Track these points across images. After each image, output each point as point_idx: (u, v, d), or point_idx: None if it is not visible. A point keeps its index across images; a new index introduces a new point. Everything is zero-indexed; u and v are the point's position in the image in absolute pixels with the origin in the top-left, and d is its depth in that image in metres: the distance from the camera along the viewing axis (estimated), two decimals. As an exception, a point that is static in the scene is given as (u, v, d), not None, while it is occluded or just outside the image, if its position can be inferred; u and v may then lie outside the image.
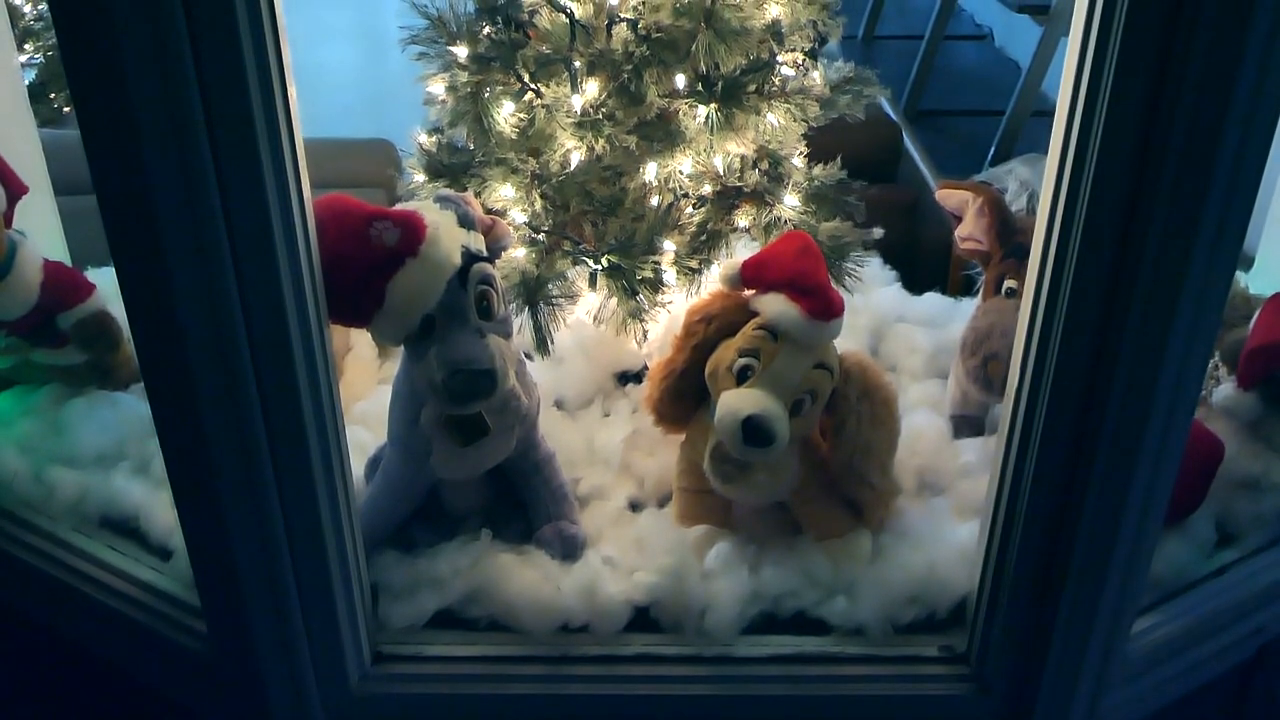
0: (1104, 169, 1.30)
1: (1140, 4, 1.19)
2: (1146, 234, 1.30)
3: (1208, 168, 1.25)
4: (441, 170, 1.81)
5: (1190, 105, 1.22)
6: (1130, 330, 1.36)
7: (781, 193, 1.79)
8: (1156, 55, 1.20)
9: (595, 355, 1.92)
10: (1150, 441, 1.41)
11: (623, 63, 1.62)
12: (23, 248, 1.83)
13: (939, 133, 4.17)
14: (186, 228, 1.23)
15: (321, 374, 1.39)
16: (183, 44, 1.14)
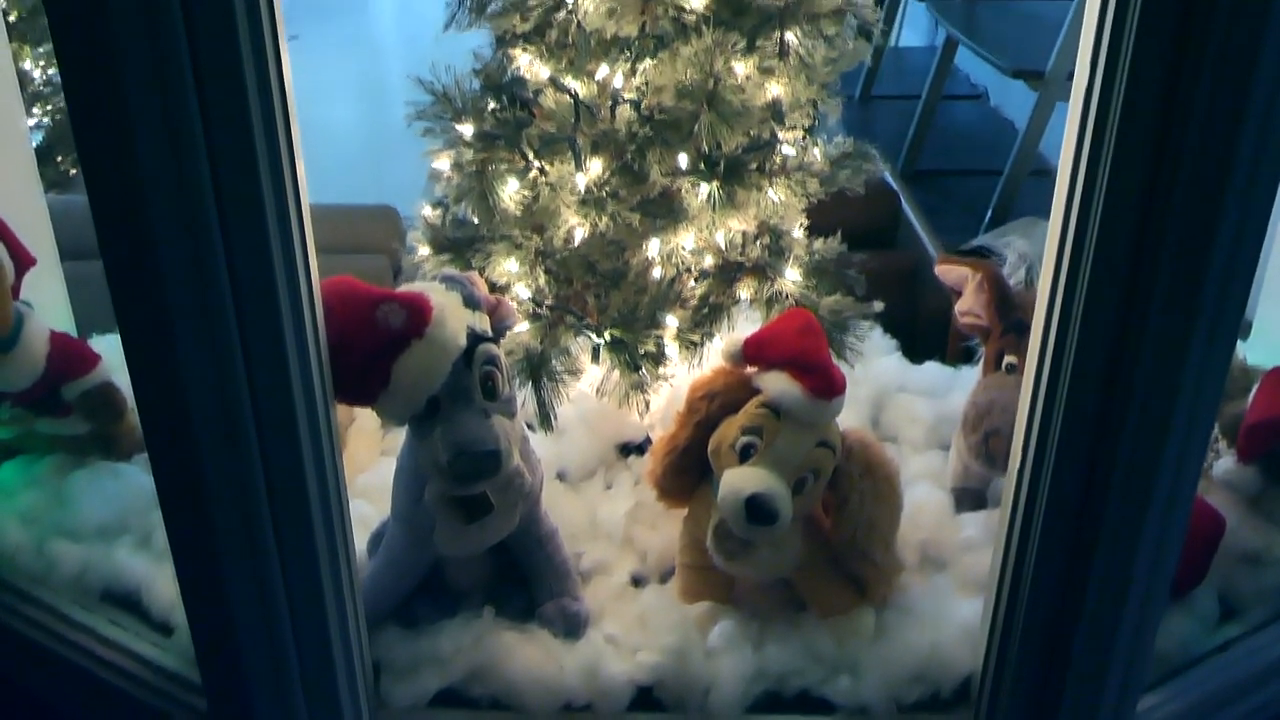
0: (1104, 247, 1.31)
1: (1139, 79, 1.20)
2: (1147, 311, 1.31)
3: (1207, 243, 1.26)
4: (446, 244, 1.82)
5: (1189, 182, 1.23)
6: (1133, 406, 1.37)
7: (783, 266, 1.80)
8: (1155, 131, 1.22)
9: (597, 427, 1.93)
10: (1154, 517, 1.41)
11: (626, 142, 1.65)
12: (30, 320, 1.84)
13: (937, 193, 4.19)
14: (193, 302, 1.24)
15: (326, 452, 1.39)
16: (194, 122, 1.15)
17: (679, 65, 1.62)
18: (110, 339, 2.18)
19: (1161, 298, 1.31)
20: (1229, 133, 1.20)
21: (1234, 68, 1.17)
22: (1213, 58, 1.17)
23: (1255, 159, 1.23)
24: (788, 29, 1.64)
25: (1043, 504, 1.45)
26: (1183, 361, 1.33)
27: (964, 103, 5.11)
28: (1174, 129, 1.22)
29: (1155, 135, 1.23)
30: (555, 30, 1.63)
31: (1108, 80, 1.26)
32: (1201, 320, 1.32)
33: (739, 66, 1.63)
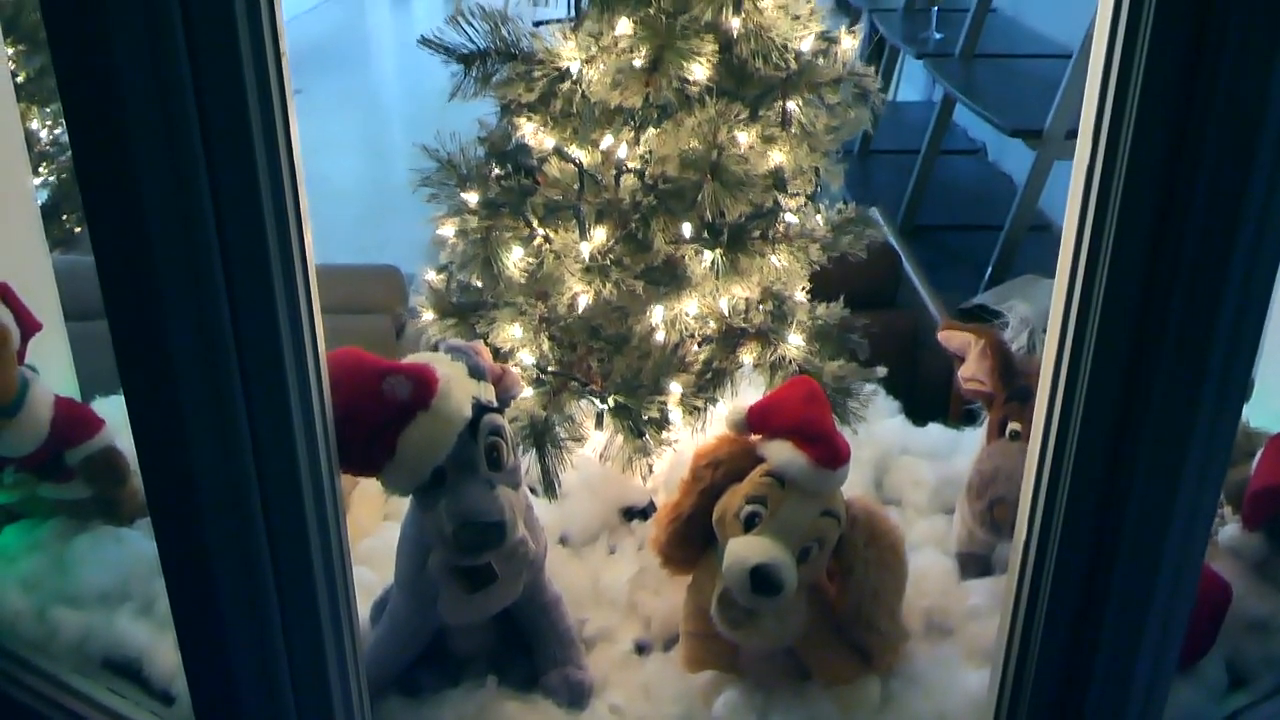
0: (1109, 314, 1.31)
1: (1144, 140, 1.21)
2: (1153, 378, 1.32)
3: (1213, 307, 1.26)
4: (451, 310, 1.83)
5: (1196, 244, 1.23)
6: (1139, 475, 1.37)
7: (786, 332, 1.81)
8: (1160, 193, 1.22)
9: (600, 491, 1.93)
10: (1162, 586, 1.41)
11: (630, 211, 1.66)
12: (34, 385, 1.84)
13: (937, 248, 4.22)
14: (199, 368, 1.24)
15: (331, 522, 1.39)
16: (202, 187, 1.16)
17: (683, 135, 1.64)
18: (114, 400, 2.19)
19: (1167, 365, 1.31)
20: (1235, 192, 1.21)
21: (1240, 126, 1.17)
22: (1218, 117, 1.18)
23: (1261, 215, 1.23)
24: (790, 98, 1.66)
25: (1049, 573, 1.44)
26: (1189, 430, 1.33)
27: (962, 157, 5.16)
28: (1180, 190, 1.22)
29: (1160, 197, 1.23)
30: (560, 100, 1.64)
31: (1112, 142, 1.27)
32: (1208, 388, 1.32)
33: (742, 136, 1.64)
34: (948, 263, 4.08)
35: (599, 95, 1.62)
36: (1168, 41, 1.18)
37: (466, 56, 1.67)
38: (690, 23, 1.59)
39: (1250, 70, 1.16)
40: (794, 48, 1.63)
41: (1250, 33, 1.15)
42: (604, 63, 1.60)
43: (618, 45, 1.59)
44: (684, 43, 1.55)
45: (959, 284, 3.75)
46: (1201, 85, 1.18)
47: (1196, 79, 1.18)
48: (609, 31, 1.60)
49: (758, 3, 1.58)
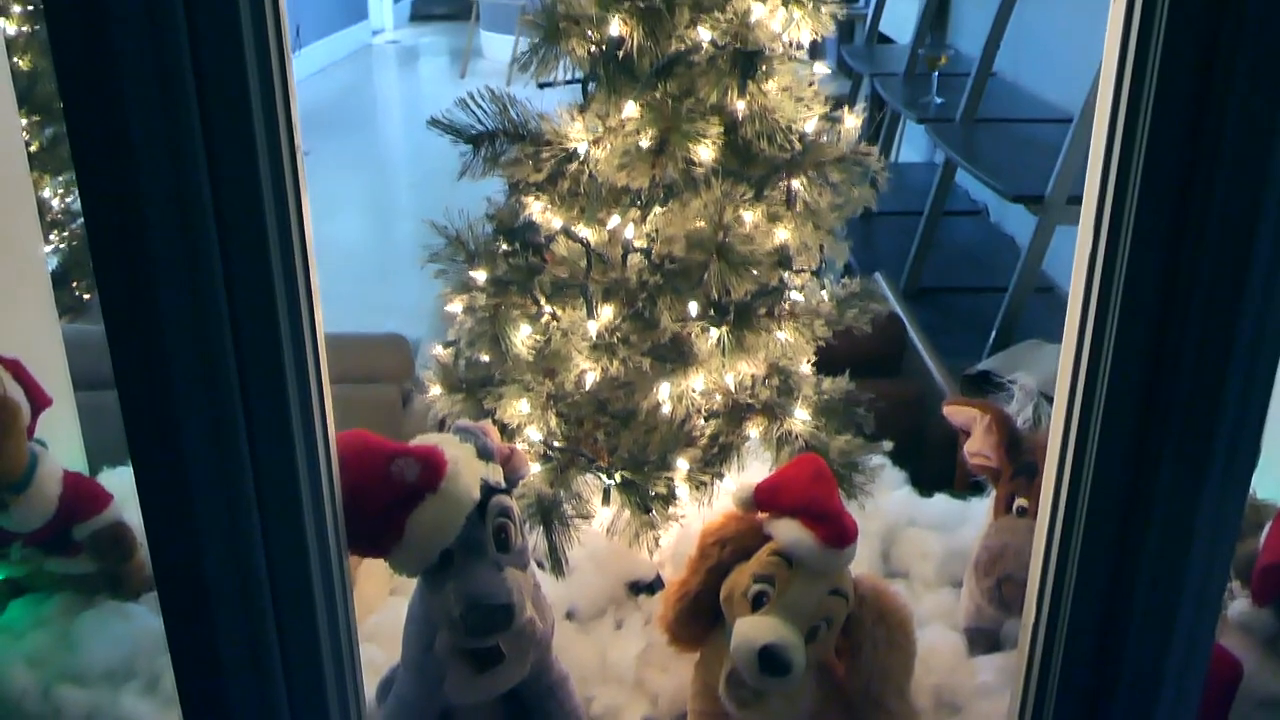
0: (1115, 394, 1.32)
1: (1148, 208, 1.23)
2: (1160, 452, 1.32)
3: (1220, 382, 1.27)
4: (458, 385, 1.84)
5: (1199, 331, 1.25)
6: (1148, 552, 1.37)
7: (792, 407, 1.82)
8: (1165, 270, 1.24)
9: (607, 565, 1.92)
10: (1173, 665, 1.40)
11: (637, 290, 1.67)
12: (44, 461, 1.85)
13: (940, 310, 4.23)
14: (209, 445, 1.25)
15: (339, 602, 1.39)
16: (215, 269, 1.18)
17: (689, 214, 1.65)
18: (121, 471, 2.20)
19: (1175, 436, 1.32)
20: (1241, 260, 1.22)
21: (1243, 195, 1.19)
22: (1223, 184, 1.19)
23: (1266, 283, 1.24)
24: (794, 177, 1.69)
25: (1060, 652, 1.44)
26: (1197, 502, 1.33)
27: (965, 219, 5.19)
28: (1185, 257, 1.23)
29: (1166, 265, 1.24)
30: (567, 180, 1.67)
31: (1116, 209, 1.28)
32: (1216, 458, 1.32)
33: (747, 215, 1.66)
34: (952, 325, 4.09)
35: (606, 175, 1.64)
36: (1171, 107, 1.20)
37: (475, 137, 1.69)
38: (696, 105, 1.62)
39: (1253, 138, 1.18)
40: (798, 129, 1.66)
41: (1252, 100, 1.17)
42: (611, 144, 1.63)
43: (625, 127, 1.62)
44: (690, 125, 1.58)
45: (963, 347, 3.76)
46: (1205, 152, 1.19)
47: (1200, 147, 1.20)
48: (616, 114, 1.63)
49: (762, 86, 1.60)
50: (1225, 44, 1.16)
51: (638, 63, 1.61)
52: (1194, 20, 1.17)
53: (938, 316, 4.11)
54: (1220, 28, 1.15)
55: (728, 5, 1.59)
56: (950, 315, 4.22)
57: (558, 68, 1.70)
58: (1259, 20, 1.14)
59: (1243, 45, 1.15)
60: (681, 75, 1.63)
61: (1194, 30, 1.17)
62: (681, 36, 1.61)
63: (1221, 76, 1.17)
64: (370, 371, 2.56)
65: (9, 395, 1.78)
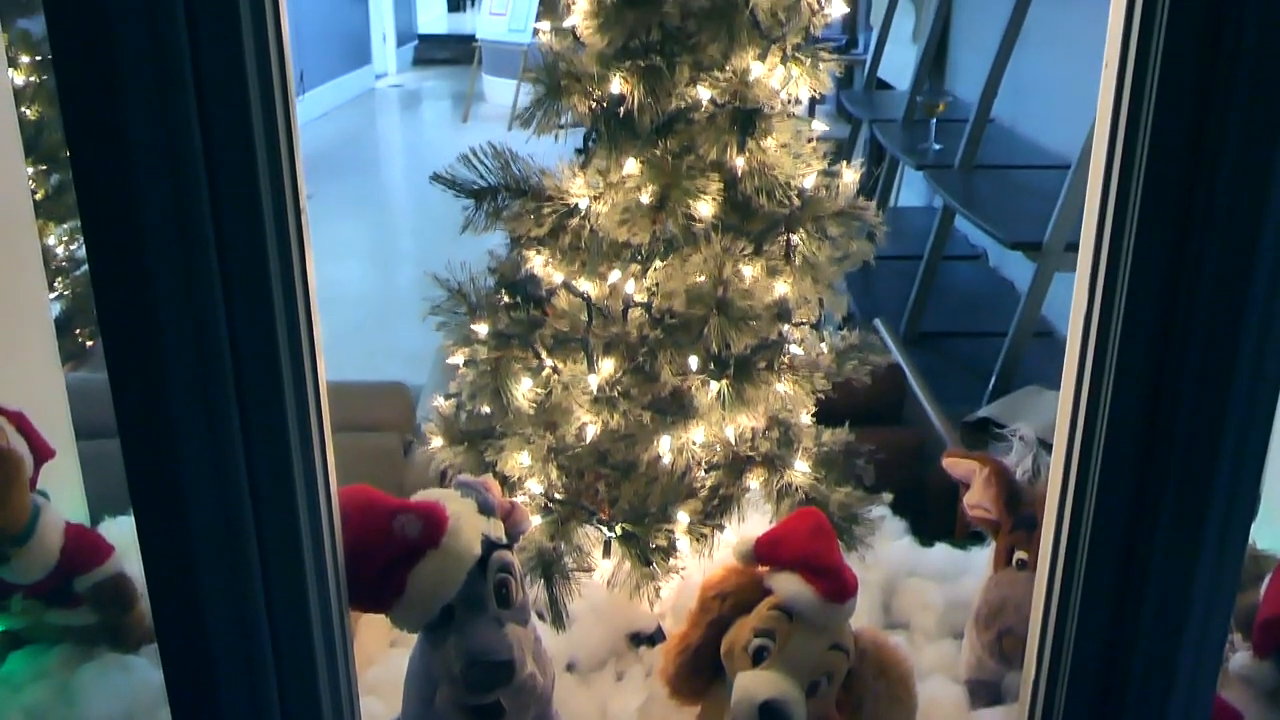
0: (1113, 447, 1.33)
1: (1144, 254, 1.24)
2: (1159, 504, 1.32)
3: (1217, 430, 1.28)
4: (459, 437, 1.85)
5: (1197, 377, 1.26)
6: (1148, 604, 1.37)
7: (792, 459, 1.82)
8: (1162, 316, 1.25)
9: (608, 616, 1.92)
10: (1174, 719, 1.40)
11: (638, 344, 1.68)
12: (46, 512, 1.86)
13: (940, 355, 4.24)
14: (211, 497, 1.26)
15: (339, 656, 1.40)
16: (220, 321, 1.19)
17: (689, 269, 1.67)
18: (123, 520, 2.20)
19: (1174, 486, 1.33)
20: (1237, 303, 1.23)
21: (1239, 237, 1.20)
22: (1218, 229, 1.21)
23: (1263, 325, 1.25)
24: (793, 232, 1.70)
25: (1061, 707, 1.44)
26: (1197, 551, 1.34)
27: (964, 263, 5.21)
28: (1182, 303, 1.25)
29: (1163, 312, 1.26)
30: (569, 235, 1.68)
31: (1113, 257, 1.29)
32: (1215, 507, 1.33)
33: (747, 270, 1.68)
34: (952, 370, 4.10)
35: (607, 230, 1.66)
36: (1166, 154, 1.22)
37: (477, 192, 1.71)
38: (696, 162, 1.64)
39: (1247, 188, 1.19)
40: (797, 184, 1.67)
41: (1247, 149, 1.18)
42: (612, 200, 1.64)
43: (625, 183, 1.64)
44: (690, 182, 1.60)
45: (963, 392, 3.76)
46: (1200, 200, 1.21)
47: (1194, 194, 1.21)
48: (617, 170, 1.65)
49: (761, 143, 1.62)
50: (1219, 93, 1.17)
51: (638, 120, 1.63)
52: (1188, 69, 1.19)
53: (938, 361, 4.12)
54: (1214, 76, 1.17)
55: (727, 64, 1.61)
56: (950, 360, 4.22)
57: (559, 122, 1.73)
58: (1252, 70, 1.16)
59: (1236, 94, 1.17)
60: (681, 132, 1.65)
61: (1188, 79, 1.19)
62: (682, 94, 1.63)
63: (1216, 125, 1.19)
64: (371, 420, 2.57)
65: (12, 448, 1.78)
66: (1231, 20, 1.15)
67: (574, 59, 1.68)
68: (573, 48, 1.69)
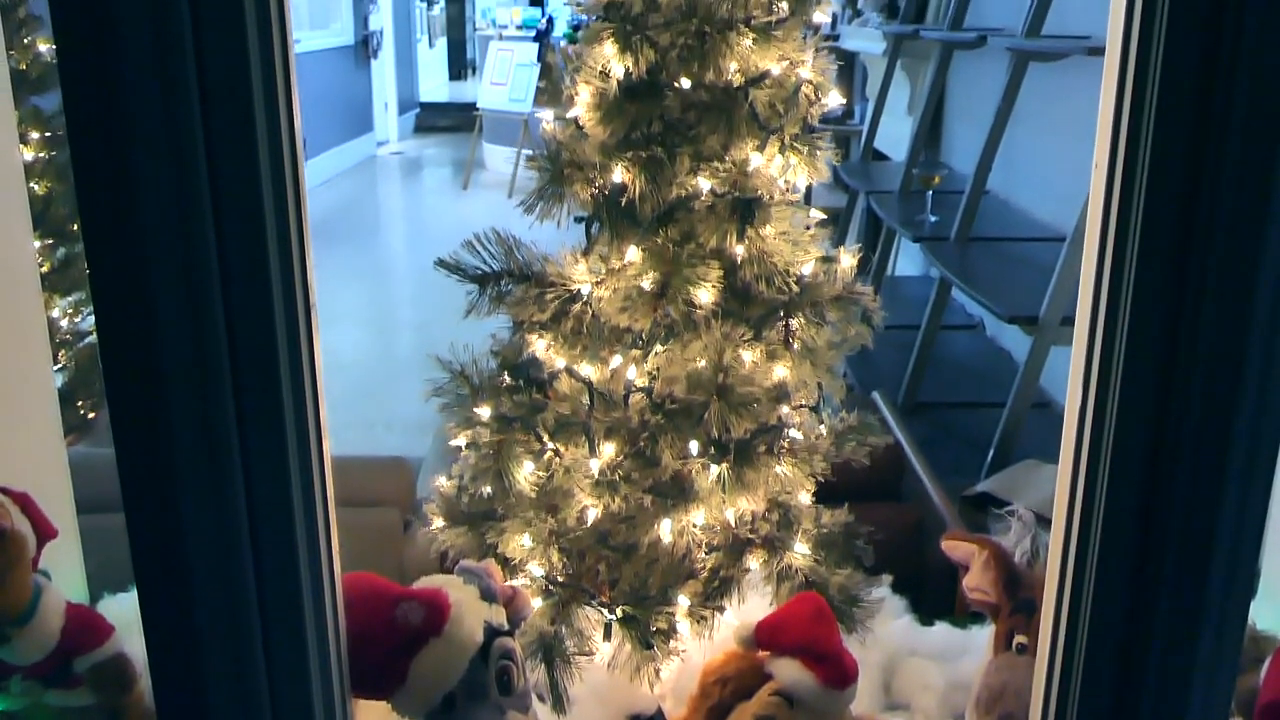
0: (1110, 533, 1.34)
1: (1139, 330, 1.25)
2: (1157, 595, 1.33)
3: (1214, 506, 1.28)
4: (461, 518, 1.86)
5: (1192, 457, 1.27)
6: (1148, 689, 1.37)
7: (791, 540, 1.83)
8: (1158, 397, 1.26)
9: (608, 698, 1.91)
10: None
11: (639, 429, 1.70)
12: (47, 593, 1.86)
13: (938, 426, 4.25)
14: (215, 584, 1.27)
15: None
16: (227, 401, 1.21)
17: (689, 353, 1.69)
18: (123, 598, 2.20)
19: (1171, 573, 1.33)
20: (1231, 380, 1.24)
21: (1233, 316, 1.22)
22: (1212, 306, 1.22)
23: (1259, 400, 1.26)
24: (792, 317, 1.73)
25: (1062, 795, 1.43)
26: (1196, 632, 1.34)
27: (960, 332, 5.24)
28: (1178, 381, 1.26)
29: (1158, 389, 1.27)
30: (570, 320, 1.71)
31: (1109, 334, 1.31)
32: (1212, 594, 1.33)
33: (746, 354, 1.70)
34: (950, 441, 4.11)
35: (608, 316, 1.68)
36: (1159, 230, 1.24)
37: (481, 277, 1.74)
38: (696, 250, 1.66)
39: (1240, 264, 1.21)
40: (795, 271, 1.70)
41: (1239, 222, 1.20)
42: (613, 286, 1.67)
43: (627, 270, 1.66)
44: (690, 270, 1.62)
45: (962, 464, 3.77)
46: (1193, 276, 1.23)
47: (1188, 270, 1.23)
48: (618, 257, 1.68)
49: (760, 231, 1.65)
50: (1210, 172, 1.20)
51: (640, 208, 1.66)
52: (1179, 144, 1.21)
53: (936, 432, 4.13)
54: (1205, 156, 1.20)
55: (727, 155, 1.65)
56: (948, 431, 4.23)
57: (562, 208, 1.76)
58: (1242, 149, 1.18)
59: (1226, 173, 1.20)
60: (682, 220, 1.68)
61: (1180, 155, 1.22)
62: (682, 184, 1.66)
63: (1207, 203, 1.21)
64: (372, 495, 2.57)
65: (17, 529, 1.79)
66: (1220, 100, 1.18)
67: (577, 147, 1.71)
68: (576, 136, 1.73)
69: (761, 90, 1.63)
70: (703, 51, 1.57)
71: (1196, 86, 1.20)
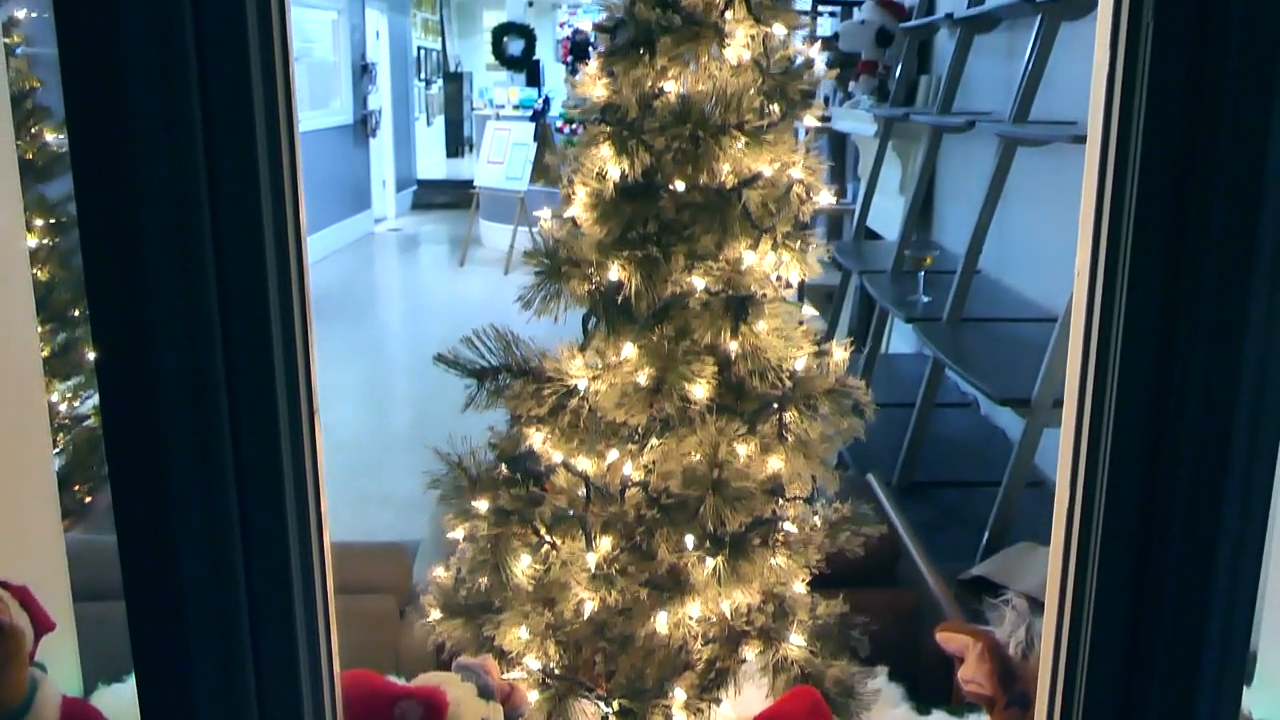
0: (1101, 618, 1.35)
1: (1125, 418, 1.27)
2: (1149, 679, 1.34)
3: (1204, 605, 1.30)
4: (458, 609, 1.87)
5: (1179, 551, 1.28)
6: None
7: (787, 632, 1.84)
8: (1143, 497, 1.28)
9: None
10: None
11: (635, 523, 1.72)
12: (43, 686, 1.85)
13: (934, 506, 4.26)
14: (216, 681, 1.27)
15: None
16: (231, 513, 1.22)
17: (685, 447, 1.71)
18: (118, 688, 2.20)
19: (1163, 664, 1.34)
20: (1218, 466, 1.26)
21: (1217, 400, 1.24)
22: (1197, 387, 1.24)
23: (1246, 480, 1.28)
24: (786, 411, 1.75)
25: None
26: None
27: (954, 410, 5.26)
28: (1165, 466, 1.28)
29: (1145, 477, 1.29)
30: (568, 414, 1.73)
31: (1095, 420, 1.32)
32: (1205, 682, 1.34)
33: (741, 448, 1.72)
34: (946, 521, 4.11)
35: (605, 411, 1.71)
36: (1143, 319, 1.27)
37: (479, 372, 1.77)
38: (691, 345, 1.69)
39: (1224, 346, 1.24)
40: (788, 367, 1.73)
41: (1221, 310, 1.23)
42: (610, 381, 1.70)
43: (623, 366, 1.69)
44: (685, 365, 1.65)
45: (957, 544, 3.77)
46: (1178, 363, 1.26)
47: (1173, 353, 1.26)
48: (615, 352, 1.70)
49: (754, 327, 1.68)
50: (1190, 261, 1.23)
51: (636, 305, 1.69)
52: (1159, 240, 1.25)
53: (931, 513, 4.14)
54: (1184, 241, 1.23)
55: (720, 254, 1.68)
56: (944, 511, 4.24)
57: (560, 303, 1.79)
58: (1222, 239, 1.22)
59: (1206, 262, 1.23)
60: (677, 317, 1.71)
61: (1159, 254, 1.25)
62: (677, 282, 1.70)
63: (1189, 288, 1.24)
64: (368, 582, 2.57)
65: (15, 624, 1.79)
66: (1198, 190, 1.22)
67: (574, 245, 1.75)
68: (573, 234, 1.77)
69: (754, 190, 1.67)
70: (697, 155, 1.62)
71: (1175, 176, 1.24)
